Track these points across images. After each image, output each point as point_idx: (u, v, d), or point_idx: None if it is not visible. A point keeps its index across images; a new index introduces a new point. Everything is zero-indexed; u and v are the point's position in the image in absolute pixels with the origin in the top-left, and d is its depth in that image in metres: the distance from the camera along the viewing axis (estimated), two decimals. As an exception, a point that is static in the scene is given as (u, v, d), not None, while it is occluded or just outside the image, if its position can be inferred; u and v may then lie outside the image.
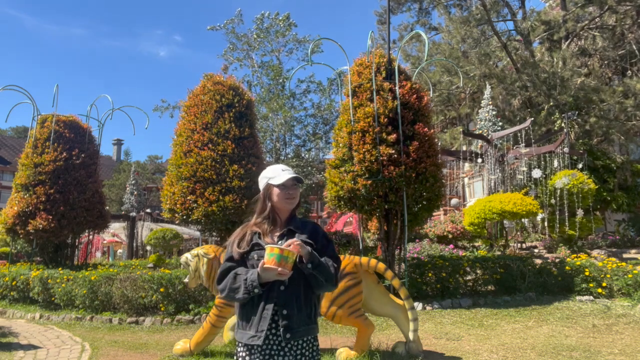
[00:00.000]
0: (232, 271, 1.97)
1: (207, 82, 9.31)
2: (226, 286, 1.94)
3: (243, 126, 8.97)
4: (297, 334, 1.94)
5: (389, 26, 9.40)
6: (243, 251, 2.01)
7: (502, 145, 14.01)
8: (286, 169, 2.16)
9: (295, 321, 1.93)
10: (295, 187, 2.13)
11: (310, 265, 1.94)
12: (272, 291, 1.93)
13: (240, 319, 2.00)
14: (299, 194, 2.16)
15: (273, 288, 1.93)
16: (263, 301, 1.93)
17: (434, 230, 14.36)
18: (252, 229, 2.10)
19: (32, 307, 8.35)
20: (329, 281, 1.99)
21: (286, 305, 1.94)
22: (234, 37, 21.08)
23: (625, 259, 10.76)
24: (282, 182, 2.10)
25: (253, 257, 1.99)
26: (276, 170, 2.16)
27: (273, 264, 1.82)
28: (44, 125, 10.58)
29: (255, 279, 1.87)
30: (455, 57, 18.42)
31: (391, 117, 7.30)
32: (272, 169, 2.17)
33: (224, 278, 1.97)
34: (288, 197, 2.10)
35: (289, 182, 2.11)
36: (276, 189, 2.11)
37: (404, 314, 4.60)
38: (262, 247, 1.97)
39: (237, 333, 2.00)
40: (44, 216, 9.70)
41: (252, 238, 2.06)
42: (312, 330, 2.02)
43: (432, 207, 7.77)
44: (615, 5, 17.16)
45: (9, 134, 51.46)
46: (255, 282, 1.87)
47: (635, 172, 16.32)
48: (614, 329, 5.77)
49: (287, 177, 2.09)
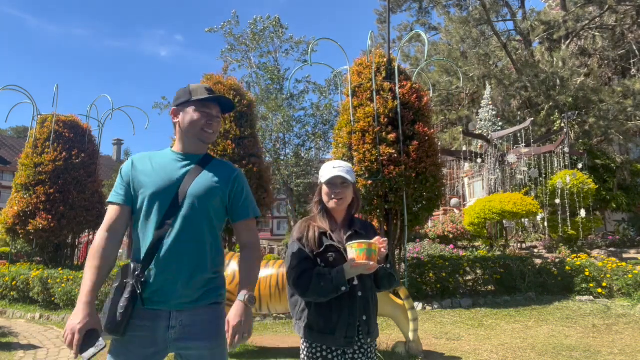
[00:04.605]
0: (314, 272, 1.93)
1: (207, 82, 9.30)
2: (310, 287, 1.91)
3: (244, 126, 8.97)
4: (373, 335, 2.03)
5: (389, 26, 9.39)
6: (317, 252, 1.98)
7: (502, 146, 14.02)
8: (339, 165, 2.03)
9: (372, 325, 2.02)
10: (344, 185, 2.01)
11: (389, 265, 2.02)
12: (354, 298, 1.95)
13: (316, 321, 1.96)
14: (350, 193, 2.04)
15: (354, 295, 1.95)
16: (347, 309, 1.94)
17: (434, 230, 14.37)
18: (315, 227, 2.03)
19: (32, 307, 8.35)
20: (398, 279, 2.10)
21: (365, 311, 1.98)
22: (233, 38, 21.16)
23: (625, 259, 10.76)
24: (327, 180, 2.01)
25: (329, 259, 1.97)
26: (327, 167, 2.05)
27: (364, 259, 1.84)
28: (44, 125, 10.57)
29: (343, 277, 1.88)
30: (454, 57, 18.44)
31: (391, 117, 7.30)
32: (325, 166, 2.07)
33: (302, 279, 1.93)
34: (335, 197, 2.00)
35: (336, 179, 2.00)
36: (325, 188, 2.03)
37: (404, 314, 4.60)
38: (336, 249, 1.97)
39: (310, 335, 1.97)
40: (44, 216, 9.70)
41: (320, 237, 2.00)
42: (378, 330, 2.13)
43: (432, 207, 7.77)
44: (615, 5, 17.16)
45: (9, 134, 51.45)
46: (344, 280, 1.88)
47: (634, 172, 16.33)
48: (614, 329, 5.77)
49: (332, 174, 1.99)
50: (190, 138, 1.91)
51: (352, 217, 2.09)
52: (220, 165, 1.94)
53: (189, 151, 1.92)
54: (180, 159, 1.90)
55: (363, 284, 1.98)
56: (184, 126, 1.89)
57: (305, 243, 1.99)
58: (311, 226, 2.03)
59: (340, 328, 1.93)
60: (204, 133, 1.89)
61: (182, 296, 1.75)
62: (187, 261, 1.76)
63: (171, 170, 1.85)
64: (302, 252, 1.98)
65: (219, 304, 1.83)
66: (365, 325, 1.97)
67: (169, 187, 1.80)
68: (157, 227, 1.76)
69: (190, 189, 1.81)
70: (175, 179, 1.82)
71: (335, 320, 1.93)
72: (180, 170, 1.86)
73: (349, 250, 1.88)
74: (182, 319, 1.74)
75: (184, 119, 1.89)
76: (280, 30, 20.93)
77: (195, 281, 1.77)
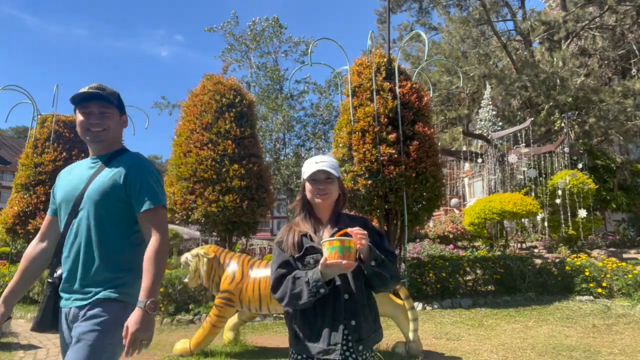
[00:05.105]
0: (289, 276, 1.78)
1: (207, 82, 9.30)
2: (286, 292, 1.75)
3: (244, 126, 8.96)
4: (368, 344, 1.81)
5: (389, 25, 9.38)
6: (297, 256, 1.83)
7: (502, 146, 14.02)
8: (322, 160, 1.90)
9: (365, 331, 1.79)
10: (328, 180, 1.87)
11: (374, 263, 1.76)
12: (337, 301, 1.77)
13: (300, 330, 1.81)
14: (335, 189, 1.89)
15: (338, 298, 1.77)
16: (329, 313, 1.76)
17: (434, 230, 14.37)
18: (297, 230, 1.89)
19: (32, 307, 8.35)
20: (393, 278, 1.80)
21: (354, 315, 1.77)
22: (233, 38, 21.18)
23: (625, 259, 10.76)
24: (310, 176, 1.87)
25: (309, 262, 1.81)
26: (309, 162, 1.91)
27: (336, 257, 1.66)
28: (44, 125, 10.58)
29: (319, 278, 1.69)
30: (455, 57, 18.44)
31: (391, 117, 7.30)
32: (307, 161, 1.94)
33: (280, 285, 1.79)
34: (318, 193, 1.86)
35: (319, 175, 1.87)
36: (308, 184, 1.89)
37: (404, 314, 4.60)
38: (317, 251, 1.81)
39: (295, 344, 1.82)
40: (44, 216, 9.66)
41: (301, 240, 1.85)
42: (379, 336, 1.88)
43: (432, 207, 7.77)
44: (615, 5, 17.17)
45: (9, 134, 51.44)
46: (320, 282, 1.69)
47: (634, 172, 16.33)
48: (614, 329, 5.77)
49: (314, 169, 1.85)
50: (87, 141, 1.95)
51: (339, 214, 1.94)
52: (120, 160, 1.91)
53: (95, 153, 1.97)
54: (91, 163, 1.96)
55: (350, 284, 1.79)
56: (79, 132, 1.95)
57: (285, 247, 1.86)
58: (292, 229, 1.91)
59: (323, 335, 1.75)
60: (90, 133, 1.90)
61: (77, 293, 1.83)
62: (82, 260, 1.83)
63: (80, 177, 1.93)
64: (280, 257, 1.86)
65: (115, 301, 1.81)
66: (354, 331, 1.76)
67: (73, 193, 1.90)
68: (62, 230, 1.90)
69: (87, 192, 1.87)
70: (81, 184, 1.90)
71: (319, 326, 1.77)
72: (87, 174, 1.92)
73: (323, 250, 1.72)
74: (77, 314, 1.81)
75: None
76: (280, 30, 20.97)
77: (89, 279, 1.81)
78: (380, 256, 1.78)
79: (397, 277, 1.82)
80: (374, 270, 1.76)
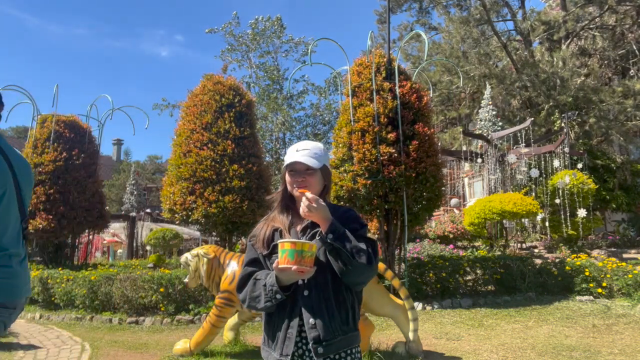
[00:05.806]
0: (252, 277, 1.63)
1: (207, 82, 9.31)
2: (246, 295, 1.62)
3: (243, 126, 8.97)
4: (332, 347, 1.55)
5: (389, 25, 9.38)
6: (265, 253, 1.66)
7: (502, 145, 14.02)
8: (303, 147, 1.69)
9: (328, 331, 1.54)
10: (308, 172, 1.66)
11: (332, 236, 1.53)
12: (295, 300, 1.58)
13: (265, 333, 1.66)
14: (315, 181, 1.67)
15: (296, 295, 1.58)
16: (287, 314, 1.59)
17: (434, 230, 14.37)
18: (271, 225, 1.72)
19: (32, 307, 8.35)
20: (361, 259, 1.52)
21: (314, 313, 1.55)
22: (233, 38, 21.20)
23: (625, 259, 10.76)
24: (287, 165, 1.68)
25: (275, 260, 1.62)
26: (291, 150, 1.72)
27: (286, 262, 1.47)
28: (44, 125, 10.57)
29: (274, 283, 1.53)
30: (455, 57, 18.44)
31: (391, 117, 7.30)
32: (289, 149, 1.75)
33: (245, 285, 1.65)
34: (297, 186, 1.66)
35: (298, 166, 1.67)
36: (287, 175, 1.70)
37: (404, 314, 4.60)
38: None
39: (262, 349, 1.68)
40: (43, 216, 9.70)
41: (272, 236, 1.68)
42: (353, 339, 1.61)
43: (432, 207, 7.77)
44: (615, 5, 17.17)
45: (8, 134, 51.43)
46: (276, 287, 1.52)
47: (635, 172, 16.32)
48: (614, 329, 5.77)
49: (293, 159, 1.65)
50: None
51: None
52: None
53: None
54: None
55: (312, 280, 1.57)
56: None
57: (255, 244, 1.71)
58: (266, 223, 1.74)
59: (279, 342, 1.57)
60: None
61: None
62: None
63: None
64: (250, 253, 1.71)
65: None
66: (314, 330, 1.53)
67: None
68: None
69: None
70: None
71: (275, 330, 1.61)
72: None
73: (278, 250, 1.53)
74: None
75: None
76: (281, 29, 20.99)
77: None
78: (341, 229, 1.55)
79: (370, 262, 1.54)
80: (332, 246, 1.52)
